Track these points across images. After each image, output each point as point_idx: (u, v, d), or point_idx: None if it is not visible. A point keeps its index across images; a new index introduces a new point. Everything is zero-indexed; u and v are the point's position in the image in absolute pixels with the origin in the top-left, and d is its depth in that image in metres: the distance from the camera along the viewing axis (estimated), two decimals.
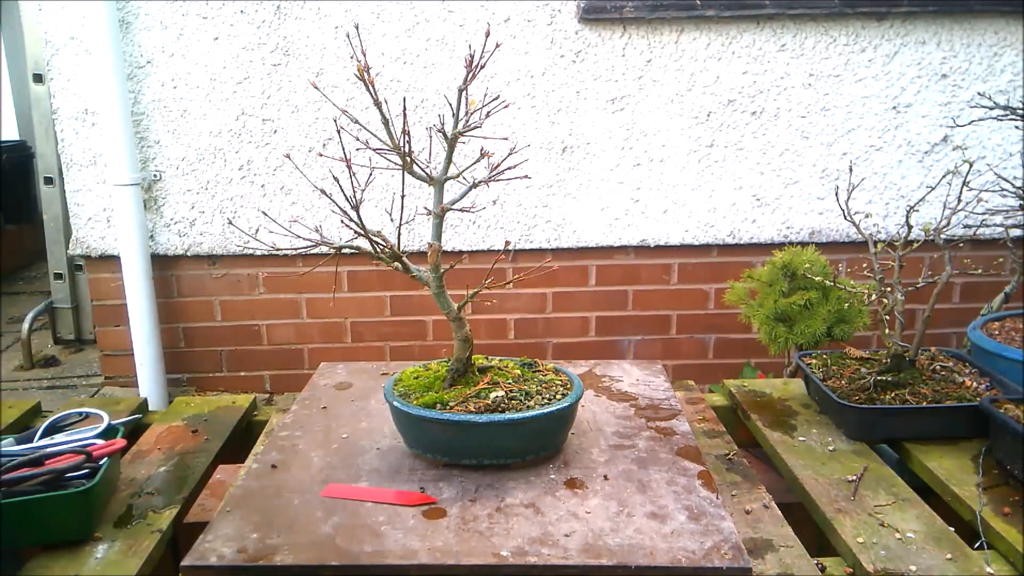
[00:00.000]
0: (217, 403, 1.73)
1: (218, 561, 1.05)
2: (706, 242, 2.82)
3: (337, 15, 2.62)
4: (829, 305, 1.96)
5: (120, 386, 2.89)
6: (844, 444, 1.47)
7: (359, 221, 1.20)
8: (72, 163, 2.70)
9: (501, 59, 2.64)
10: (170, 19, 2.61)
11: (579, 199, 2.77)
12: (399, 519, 1.13)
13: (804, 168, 2.77)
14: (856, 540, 1.17)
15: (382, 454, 1.33)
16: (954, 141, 2.76)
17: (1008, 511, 1.24)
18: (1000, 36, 2.68)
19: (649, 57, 2.67)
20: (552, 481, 1.23)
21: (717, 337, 2.95)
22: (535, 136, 2.71)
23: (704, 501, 1.17)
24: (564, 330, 2.92)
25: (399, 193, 2.57)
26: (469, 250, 2.78)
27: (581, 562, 1.03)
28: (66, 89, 2.65)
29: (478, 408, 1.24)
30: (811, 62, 2.68)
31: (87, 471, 1.25)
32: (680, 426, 1.42)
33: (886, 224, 2.81)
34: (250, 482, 1.26)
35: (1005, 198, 1.84)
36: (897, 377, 1.55)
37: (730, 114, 2.72)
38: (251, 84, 2.66)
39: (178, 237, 2.77)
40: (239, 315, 2.87)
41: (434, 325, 2.89)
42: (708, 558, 1.03)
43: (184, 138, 2.70)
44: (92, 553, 1.17)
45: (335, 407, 1.53)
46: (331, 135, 2.69)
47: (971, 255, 2.65)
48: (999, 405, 1.39)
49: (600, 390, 1.59)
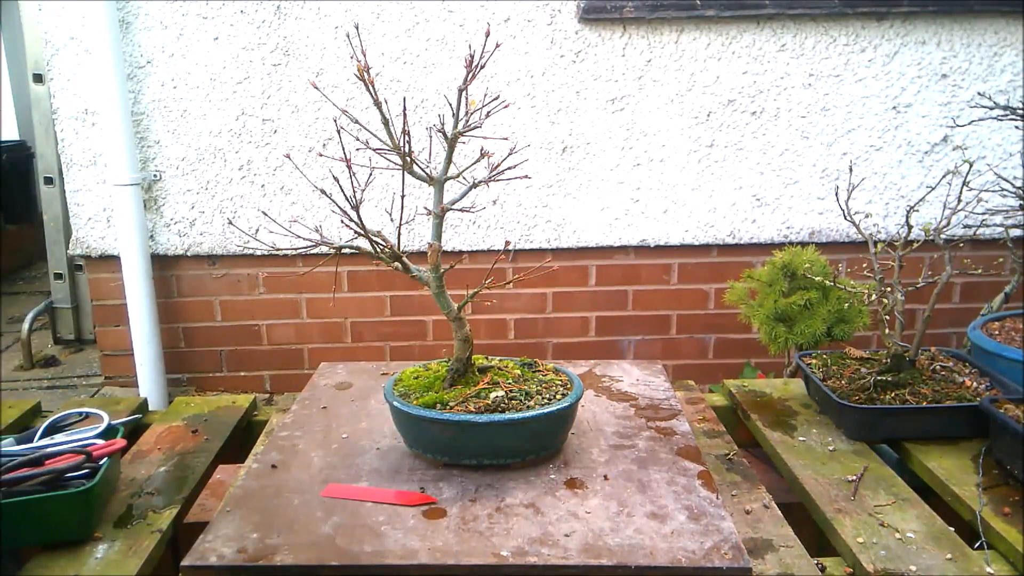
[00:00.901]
0: (217, 403, 1.73)
1: (218, 561, 1.05)
2: (706, 242, 2.82)
3: (337, 15, 2.62)
4: (829, 305, 1.96)
5: (120, 386, 2.89)
6: (844, 444, 1.47)
7: (359, 221, 1.20)
8: (72, 163, 2.70)
9: (501, 59, 2.64)
10: (170, 19, 2.61)
11: (579, 199, 2.77)
12: (399, 519, 1.13)
13: (804, 168, 2.77)
14: (856, 540, 1.17)
15: (382, 454, 1.33)
16: (954, 141, 2.76)
17: (1008, 511, 1.24)
18: (1000, 36, 2.68)
19: (649, 57, 2.67)
20: (552, 481, 1.23)
21: (717, 337, 2.95)
22: (535, 136, 2.71)
23: (704, 501, 1.17)
24: (564, 330, 2.92)
25: (399, 193, 2.57)
26: (469, 250, 2.78)
27: (581, 562, 1.03)
28: (66, 89, 2.65)
29: (478, 408, 1.24)
30: (811, 62, 2.69)
31: (87, 471, 1.25)
32: (680, 426, 1.42)
33: (886, 224, 2.81)
34: (250, 482, 1.26)
35: (1005, 198, 1.84)
36: (897, 377, 1.55)
37: (730, 114, 2.72)
38: (251, 84, 2.66)
39: (178, 237, 2.77)
40: (239, 315, 2.87)
41: (434, 325, 2.89)
42: (708, 558, 1.03)
43: (184, 138, 2.70)
44: (92, 553, 1.17)
45: (335, 407, 1.53)
46: (331, 135, 2.69)
47: (971, 255, 2.65)
48: (999, 405, 1.39)
49: (600, 390, 1.59)
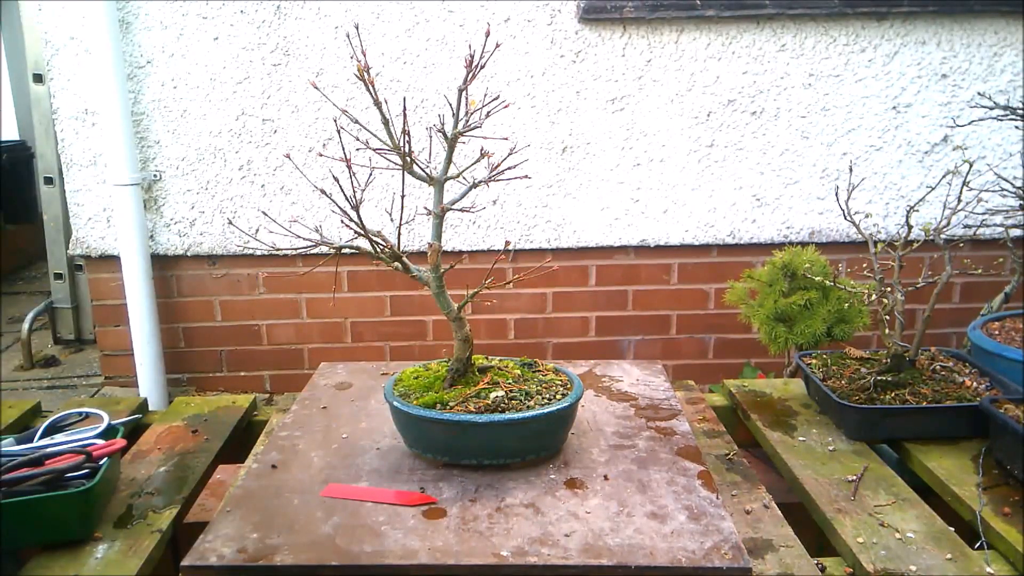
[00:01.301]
0: (217, 403, 1.73)
1: (218, 561, 1.05)
2: (706, 242, 2.82)
3: (337, 15, 2.62)
4: (829, 305, 1.96)
5: (120, 386, 2.89)
6: (844, 444, 1.47)
7: (359, 221, 1.20)
8: (72, 163, 2.70)
9: (501, 59, 2.64)
10: (170, 19, 2.61)
11: (579, 199, 2.77)
12: (399, 519, 1.13)
13: (804, 168, 2.77)
14: (856, 540, 1.17)
15: (382, 454, 1.33)
16: (954, 141, 2.76)
17: (1008, 511, 1.24)
18: (1000, 36, 2.68)
19: (649, 57, 2.67)
20: (552, 481, 1.23)
21: (717, 337, 2.95)
22: (535, 136, 2.71)
23: (704, 501, 1.17)
24: (564, 330, 2.92)
25: (399, 193, 2.57)
26: (469, 250, 2.78)
27: (581, 562, 1.03)
28: (66, 89, 2.65)
29: (478, 408, 1.24)
30: (811, 62, 2.68)
31: (87, 471, 1.25)
32: (680, 426, 1.42)
33: (886, 224, 2.81)
34: (250, 482, 1.26)
35: (1005, 198, 1.84)
36: (897, 377, 1.55)
37: (730, 114, 2.72)
38: (251, 84, 2.66)
39: (178, 237, 2.77)
40: (239, 315, 2.87)
41: (434, 325, 2.89)
42: (708, 558, 1.03)
43: (184, 138, 2.70)
44: (92, 553, 1.17)
45: (335, 407, 1.53)
46: (331, 135, 2.69)
47: (971, 255, 2.65)
48: (999, 405, 1.39)
49: (600, 390, 1.59)
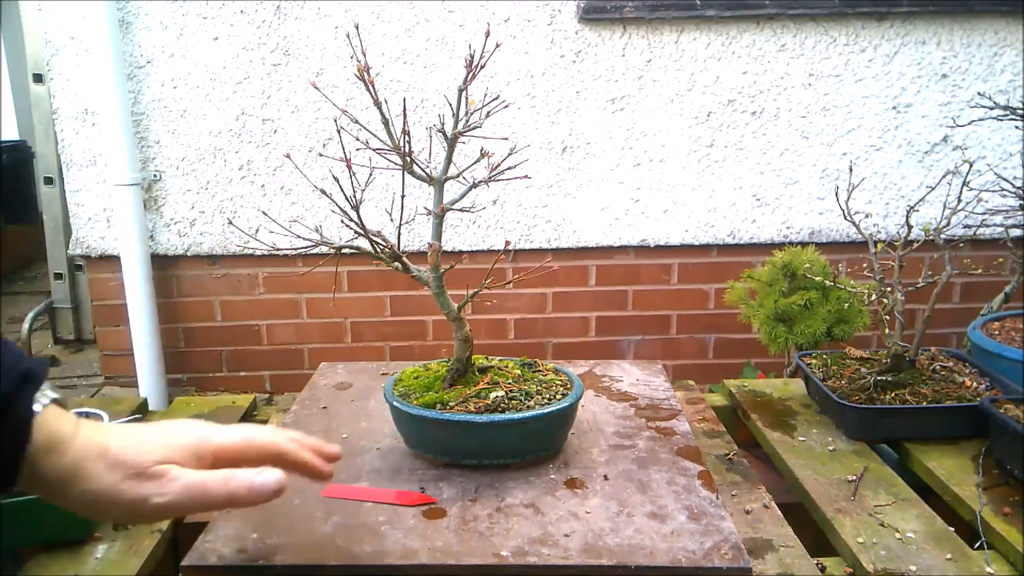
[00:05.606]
0: (217, 403, 1.73)
1: (218, 561, 1.05)
2: (706, 242, 2.82)
3: (337, 15, 2.62)
4: (829, 305, 1.96)
5: (120, 386, 2.89)
6: (844, 444, 1.47)
7: (359, 221, 1.20)
8: (72, 163, 2.70)
9: (501, 59, 2.64)
10: (170, 19, 2.61)
11: (579, 199, 2.77)
12: (399, 519, 1.13)
13: (804, 168, 2.77)
14: (856, 540, 1.17)
15: (382, 454, 1.33)
16: (954, 141, 2.76)
17: (1008, 511, 1.23)
18: (1000, 36, 2.68)
19: (649, 57, 2.67)
20: (552, 481, 1.23)
21: (717, 337, 2.95)
22: (535, 136, 2.71)
23: (704, 501, 1.16)
24: (564, 330, 2.92)
25: (399, 193, 2.56)
26: (469, 250, 2.78)
27: (581, 562, 1.03)
28: (66, 89, 2.65)
29: (478, 408, 1.24)
30: (811, 62, 2.69)
31: None
32: (680, 426, 1.42)
33: (886, 224, 2.81)
34: None
35: (1005, 198, 1.84)
36: (897, 377, 1.55)
37: (730, 114, 2.72)
38: (251, 84, 2.66)
39: (178, 237, 2.77)
40: (239, 315, 2.87)
41: (434, 325, 2.89)
42: (708, 558, 1.03)
43: (184, 138, 2.70)
44: (92, 553, 1.17)
45: (335, 407, 1.53)
46: (331, 135, 2.69)
47: (971, 255, 2.65)
48: (999, 405, 1.39)
49: (600, 390, 1.59)
